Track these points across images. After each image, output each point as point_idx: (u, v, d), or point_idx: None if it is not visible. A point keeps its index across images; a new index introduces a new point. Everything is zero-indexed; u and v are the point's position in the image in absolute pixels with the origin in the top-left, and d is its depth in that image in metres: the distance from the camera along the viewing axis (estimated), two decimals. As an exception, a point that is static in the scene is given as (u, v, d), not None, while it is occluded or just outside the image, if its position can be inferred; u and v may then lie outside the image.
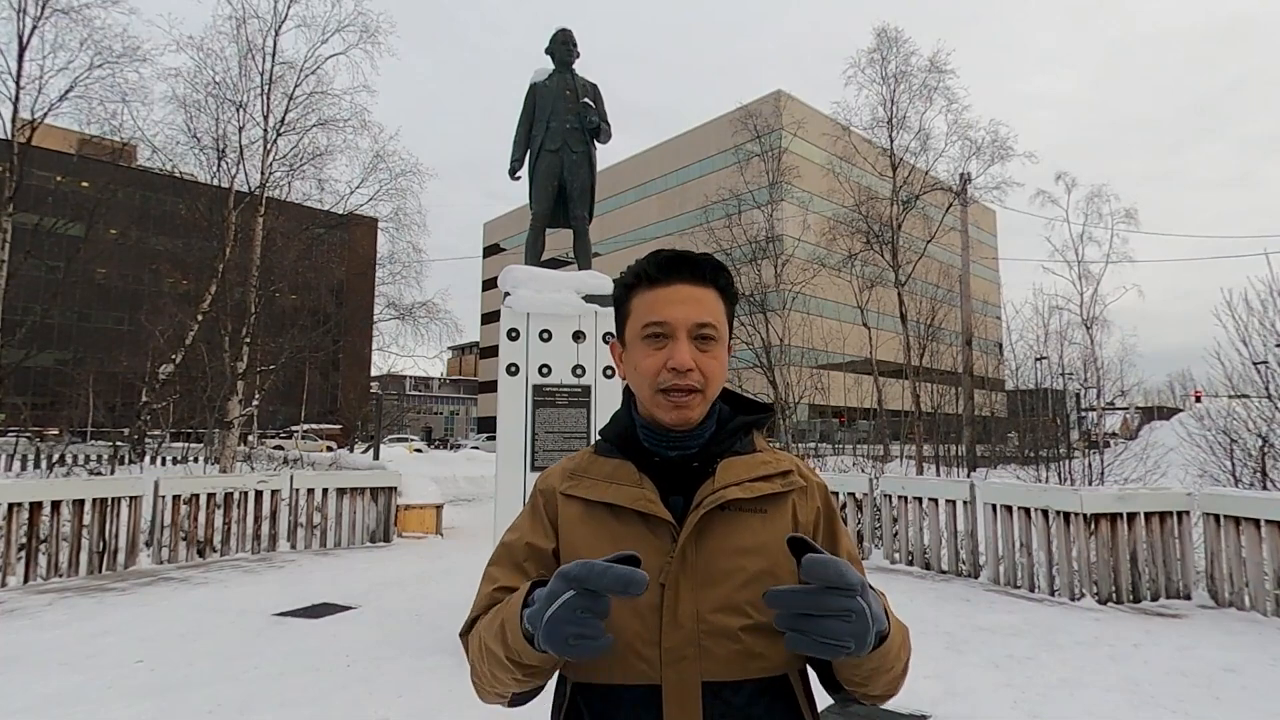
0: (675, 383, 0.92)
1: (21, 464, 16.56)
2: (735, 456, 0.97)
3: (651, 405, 0.95)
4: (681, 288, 0.95)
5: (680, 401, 0.93)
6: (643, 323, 0.95)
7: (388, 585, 6.46)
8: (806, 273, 20.73)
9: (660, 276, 0.96)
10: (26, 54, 15.19)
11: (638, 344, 0.96)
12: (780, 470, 0.98)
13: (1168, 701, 3.78)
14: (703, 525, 0.91)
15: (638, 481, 0.95)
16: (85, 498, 6.84)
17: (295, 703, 3.70)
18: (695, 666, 0.87)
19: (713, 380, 0.95)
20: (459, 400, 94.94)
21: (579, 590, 0.74)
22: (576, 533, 0.96)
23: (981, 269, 38.48)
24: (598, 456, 1.01)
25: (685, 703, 0.86)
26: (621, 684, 0.89)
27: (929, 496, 7.40)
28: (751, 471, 0.96)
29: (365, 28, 16.87)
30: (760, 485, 0.95)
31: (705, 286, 0.96)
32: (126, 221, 25.11)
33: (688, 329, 0.93)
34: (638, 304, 0.97)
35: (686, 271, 0.96)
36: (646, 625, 0.88)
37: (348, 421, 34.36)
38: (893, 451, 21.39)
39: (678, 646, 0.87)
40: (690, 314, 0.93)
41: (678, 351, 0.92)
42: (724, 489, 0.92)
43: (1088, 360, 14.75)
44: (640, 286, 0.97)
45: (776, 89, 37.72)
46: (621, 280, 1.01)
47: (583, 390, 4.83)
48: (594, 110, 5.61)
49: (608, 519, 0.94)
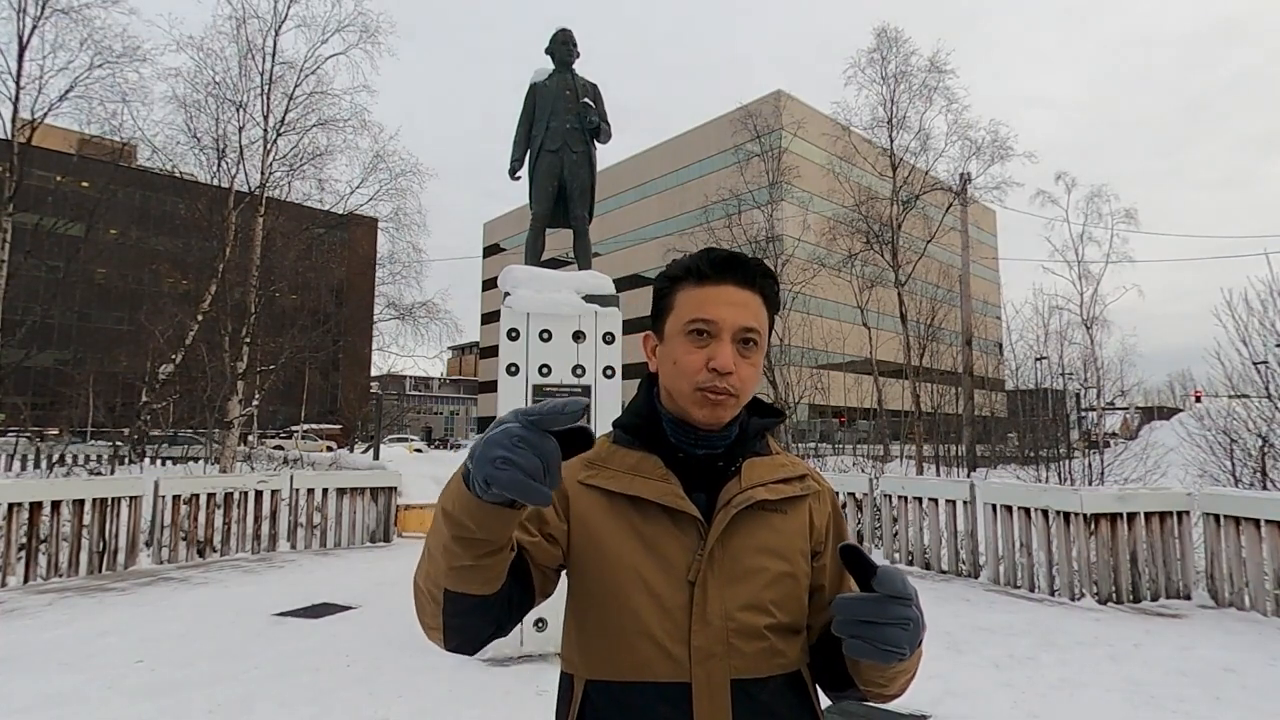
0: (715, 383, 0.91)
1: (21, 464, 16.57)
2: (757, 457, 0.99)
3: (686, 401, 0.94)
4: (730, 289, 0.94)
5: (716, 400, 0.92)
6: (688, 318, 0.94)
7: (388, 585, 6.45)
8: (806, 273, 20.73)
9: (711, 274, 0.95)
10: (26, 54, 15.22)
11: (679, 339, 0.95)
12: (798, 474, 1.01)
13: (1168, 701, 3.78)
14: (732, 524, 0.92)
15: (664, 476, 0.94)
16: (85, 498, 6.84)
17: (295, 703, 3.70)
18: (724, 664, 0.88)
19: (748, 385, 0.94)
20: (459, 400, 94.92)
21: (523, 421, 0.67)
22: (598, 523, 0.93)
23: (981, 269, 38.48)
24: (617, 447, 0.98)
25: (715, 700, 0.87)
26: (649, 681, 0.88)
27: (929, 496, 7.40)
28: (774, 473, 0.98)
29: (365, 28, 16.92)
30: (783, 487, 0.97)
31: (753, 291, 0.95)
32: (126, 221, 25.13)
33: (733, 331, 0.92)
34: (683, 298, 0.96)
35: (738, 273, 0.95)
36: (675, 623, 0.88)
37: (348, 421, 34.32)
38: (893, 451, 21.40)
39: (707, 645, 0.88)
40: (738, 317, 0.93)
41: (721, 353, 0.91)
42: (752, 489, 0.94)
43: (1088, 360, 14.77)
44: (688, 281, 0.96)
45: (776, 89, 37.72)
46: (668, 272, 1.00)
47: (583, 390, 4.82)
48: (594, 110, 5.61)
49: (629, 512, 0.93)
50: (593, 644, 0.92)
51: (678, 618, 0.88)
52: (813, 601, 0.98)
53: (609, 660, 0.90)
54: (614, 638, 0.90)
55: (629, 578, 0.90)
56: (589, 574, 0.92)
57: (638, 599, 0.89)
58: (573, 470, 0.96)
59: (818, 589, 0.98)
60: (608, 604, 0.91)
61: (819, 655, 0.97)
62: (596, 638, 0.92)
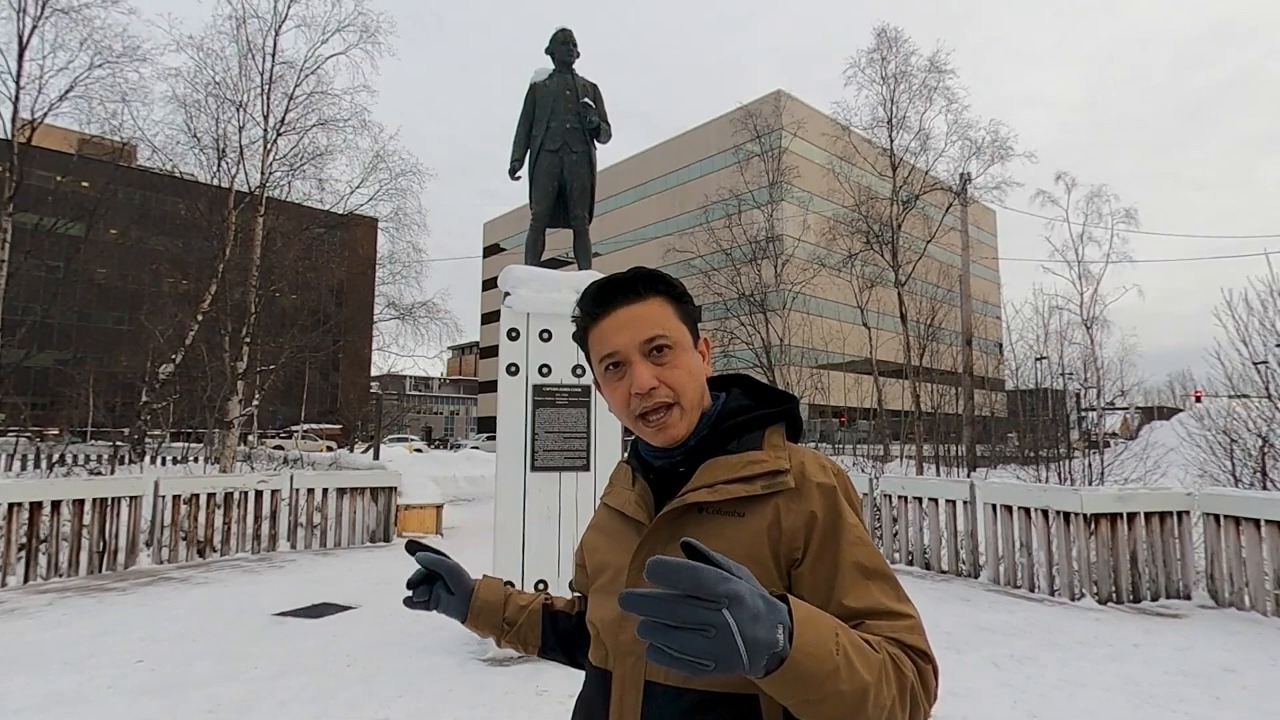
0: (645, 406, 0.91)
1: (21, 464, 16.56)
2: (723, 457, 0.93)
3: (637, 432, 0.97)
4: (620, 312, 0.93)
5: (659, 422, 0.92)
6: (598, 358, 0.95)
7: (388, 585, 6.45)
8: (806, 273, 20.77)
9: (599, 309, 0.95)
10: (26, 54, 15.21)
11: (604, 379, 0.97)
12: (767, 470, 0.90)
13: (1168, 701, 3.79)
14: (670, 528, 0.90)
15: (631, 485, 1.01)
16: (85, 498, 6.84)
17: (295, 703, 3.70)
18: (640, 664, 0.89)
19: (683, 388, 0.92)
20: (459, 400, 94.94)
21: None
22: (595, 533, 1.07)
23: (981, 269, 38.48)
24: (623, 464, 1.09)
25: (627, 696, 0.90)
26: (598, 667, 0.97)
27: (929, 496, 7.40)
28: (731, 473, 0.90)
29: (365, 28, 16.90)
30: (734, 487, 0.89)
31: (644, 300, 0.94)
32: (126, 221, 25.09)
33: (638, 349, 0.92)
34: (592, 341, 0.97)
35: (620, 294, 0.94)
36: (611, 618, 0.94)
37: (348, 421, 34.30)
38: (893, 451, 21.39)
39: (626, 643, 0.91)
40: (635, 335, 0.92)
41: (635, 375, 0.91)
42: (691, 491, 0.90)
43: (1088, 360, 14.76)
44: (588, 324, 0.97)
45: (776, 89, 37.72)
46: (574, 320, 1.00)
47: (583, 390, 4.83)
48: (594, 110, 5.60)
49: (614, 521, 1.02)
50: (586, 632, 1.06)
51: (613, 613, 0.93)
52: None
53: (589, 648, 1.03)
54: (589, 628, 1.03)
55: (598, 576, 1.01)
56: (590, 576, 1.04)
57: (596, 595, 1.00)
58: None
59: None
60: (591, 599, 1.03)
61: None
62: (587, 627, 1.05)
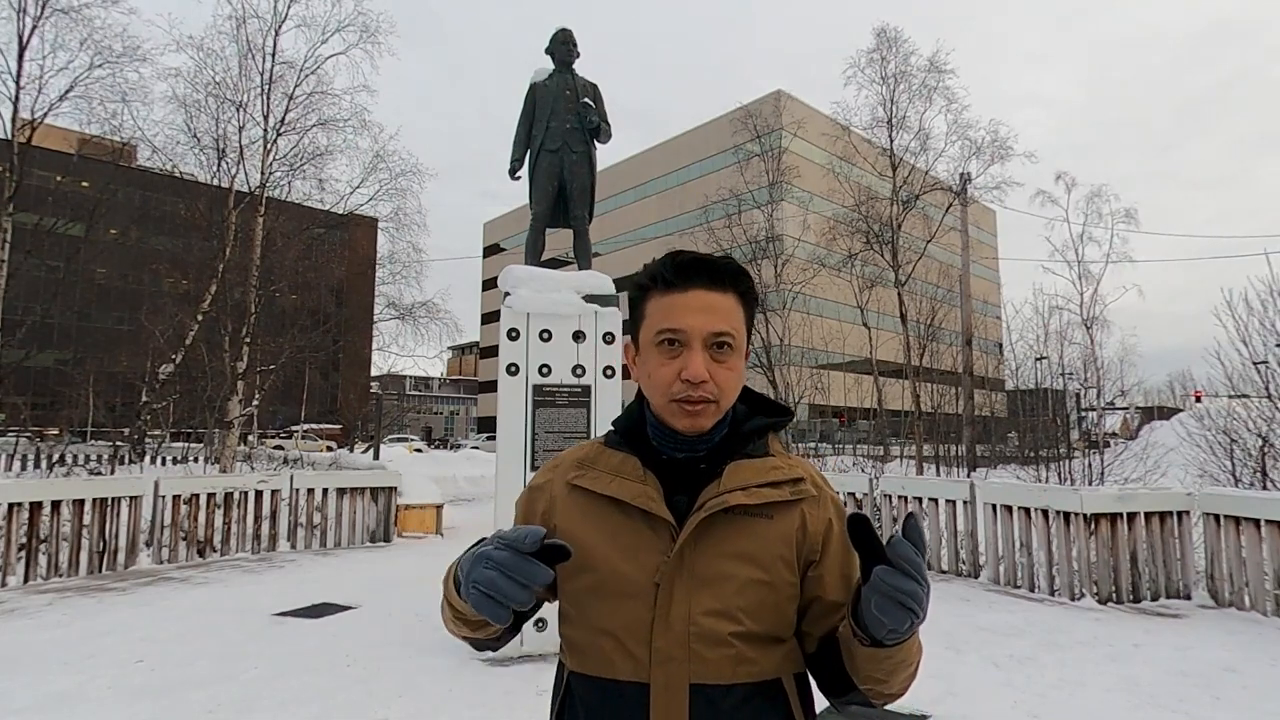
0: (689, 394, 0.89)
1: (21, 464, 16.56)
2: (746, 460, 0.94)
3: (664, 413, 0.93)
4: (699, 294, 0.90)
5: (693, 410, 0.90)
6: (657, 329, 0.91)
7: (388, 585, 6.45)
8: (806, 273, 20.75)
9: (677, 280, 0.91)
10: (26, 54, 15.19)
11: (651, 350, 0.93)
12: (791, 477, 0.95)
13: (1168, 701, 3.78)
14: (703, 528, 0.90)
15: (641, 478, 0.94)
16: (85, 498, 6.84)
17: (295, 703, 3.70)
18: (683, 669, 0.86)
19: (727, 391, 0.92)
20: (459, 400, 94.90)
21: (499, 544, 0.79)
22: (579, 523, 0.95)
23: (981, 269, 38.45)
24: (606, 449, 0.99)
25: (672, 703, 0.86)
26: (612, 679, 0.89)
27: (929, 496, 7.40)
28: (760, 477, 0.93)
29: (365, 28, 16.91)
30: (767, 492, 0.92)
31: (724, 292, 0.92)
32: (126, 221, 25.12)
33: (703, 338, 0.89)
34: (653, 308, 0.93)
35: (705, 276, 0.91)
36: (639, 624, 0.88)
37: (348, 421, 34.30)
38: (893, 451, 21.38)
39: (666, 648, 0.87)
40: (707, 323, 0.89)
41: (692, 362, 0.89)
42: (728, 493, 0.90)
43: (1088, 360, 14.74)
44: (655, 289, 0.93)
45: (776, 89, 37.72)
46: (638, 279, 0.96)
47: (583, 390, 4.83)
48: (594, 110, 5.61)
49: (611, 513, 0.93)
50: (572, 639, 0.95)
51: (642, 618, 0.88)
52: (810, 611, 0.94)
53: (584, 655, 0.93)
54: (586, 634, 0.93)
55: (601, 577, 0.91)
56: (571, 572, 0.92)
57: (607, 598, 0.91)
58: (564, 470, 1.00)
59: (814, 599, 0.94)
60: (583, 601, 0.93)
61: (818, 662, 0.95)
62: (574, 633, 0.95)
